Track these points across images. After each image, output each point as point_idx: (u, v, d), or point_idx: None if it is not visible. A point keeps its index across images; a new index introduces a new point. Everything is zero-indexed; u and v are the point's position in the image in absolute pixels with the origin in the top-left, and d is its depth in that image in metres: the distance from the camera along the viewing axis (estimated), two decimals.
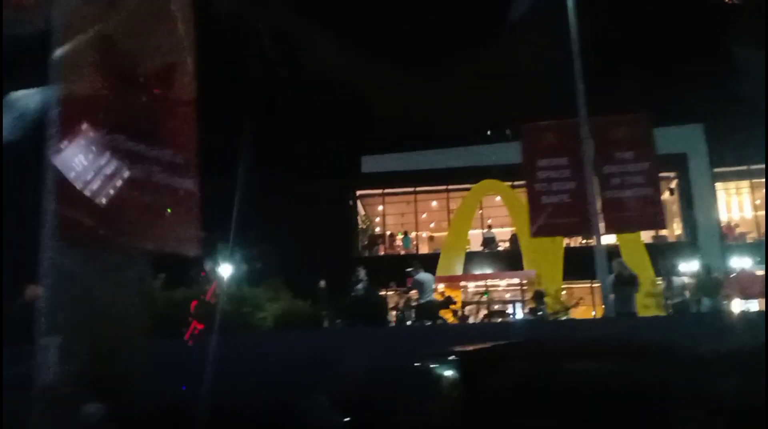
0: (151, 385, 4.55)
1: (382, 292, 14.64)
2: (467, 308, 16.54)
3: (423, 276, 11.60)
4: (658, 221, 11.33)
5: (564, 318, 12.42)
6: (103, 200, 4.49)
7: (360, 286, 12.11)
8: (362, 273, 12.25)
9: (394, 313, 13.33)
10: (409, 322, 12.61)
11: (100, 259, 4.58)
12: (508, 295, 20.53)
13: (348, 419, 6.38)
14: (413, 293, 12.19)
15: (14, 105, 5.21)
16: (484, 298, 20.30)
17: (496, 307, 18.19)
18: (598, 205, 10.77)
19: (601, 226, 10.86)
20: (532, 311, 12.10)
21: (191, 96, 5.19)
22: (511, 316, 17.58)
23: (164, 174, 4.89)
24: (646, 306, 11.94)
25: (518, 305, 19.47)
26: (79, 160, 4.41)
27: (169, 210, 4.36)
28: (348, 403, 6.47)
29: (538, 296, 11.77)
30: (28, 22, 4.76)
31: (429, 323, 11.32)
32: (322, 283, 13.21)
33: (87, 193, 4.42)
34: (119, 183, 4.60)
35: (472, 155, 21.31)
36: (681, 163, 20.62)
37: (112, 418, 3.89)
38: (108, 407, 3.90)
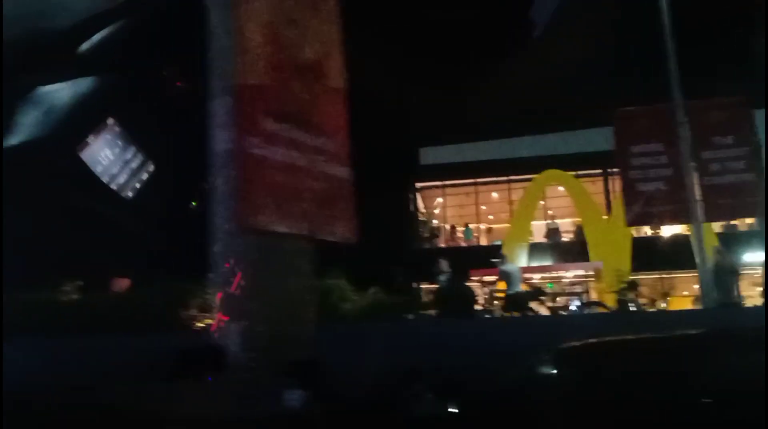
0: None
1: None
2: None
3: (511, 266, 11.45)
4: (759, 209, 10.91)
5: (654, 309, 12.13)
6: (280, 189, 4.48)
7: (444, 277, 12.00)
8: (445, 264, 12.12)
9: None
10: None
11: (275, 246, 4.57)
12: (575, 288, 20.19)
13: (456, 410, 6.28)
14: (500, 284, 12.03)
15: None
16: (548, 289, 20.02)
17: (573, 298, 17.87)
18: (697, 192, 10.44)
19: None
20: (622, 303, 11.81)
21: (345, 86, 5.16)
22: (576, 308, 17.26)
23: (328, 163, 4.87)
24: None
25: (582, 297, 19.16)
26: (258, 151, 4.39)
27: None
28: (458, 393, 6.36)
29: (632, 287, 11.49)
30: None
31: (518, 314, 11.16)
32: (399, 277, 13.16)
33: (265, 182, 4.40)
34: (293, 171, 4.59)
35: (534, 145, 20.98)
36: None
37: (313, 405, 3.88)
38: (309, 393, 3.89)
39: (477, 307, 12.00)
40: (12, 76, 17.93)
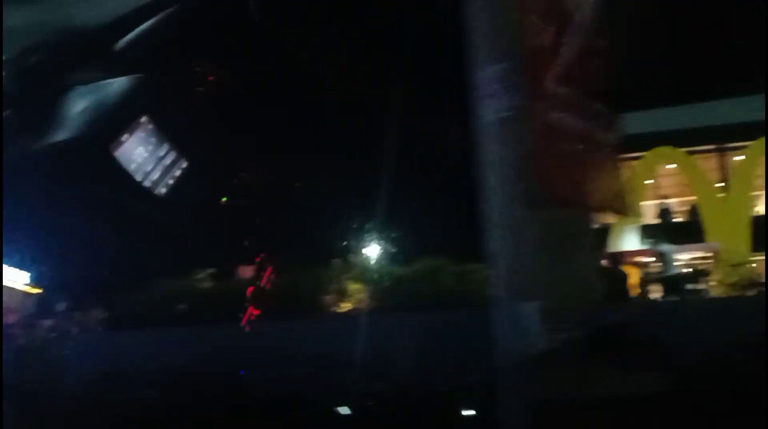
0: None
1: None
2: None
3: (667, 248, 10.86)
4: None
5: None
6: (567, 158, 4.16)
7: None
8: None
9: None
10: None
11: (556, 220, 4.27)
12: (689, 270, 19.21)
13: None
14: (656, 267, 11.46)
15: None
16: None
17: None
18: None
19: None
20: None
21: (607, 45, 4.79)
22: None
23: (601, 129, 4.53)
24: None
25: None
26: (545, 117, 4.08)
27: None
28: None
29: None
30: None
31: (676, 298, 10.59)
32: None
33: (554, 150, 4.09)
34: (577, 139, 4.26)
35: (642, 121, 19.96)
36: None
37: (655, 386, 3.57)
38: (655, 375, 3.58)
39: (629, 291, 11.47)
40: (50, 76, 18.20)
